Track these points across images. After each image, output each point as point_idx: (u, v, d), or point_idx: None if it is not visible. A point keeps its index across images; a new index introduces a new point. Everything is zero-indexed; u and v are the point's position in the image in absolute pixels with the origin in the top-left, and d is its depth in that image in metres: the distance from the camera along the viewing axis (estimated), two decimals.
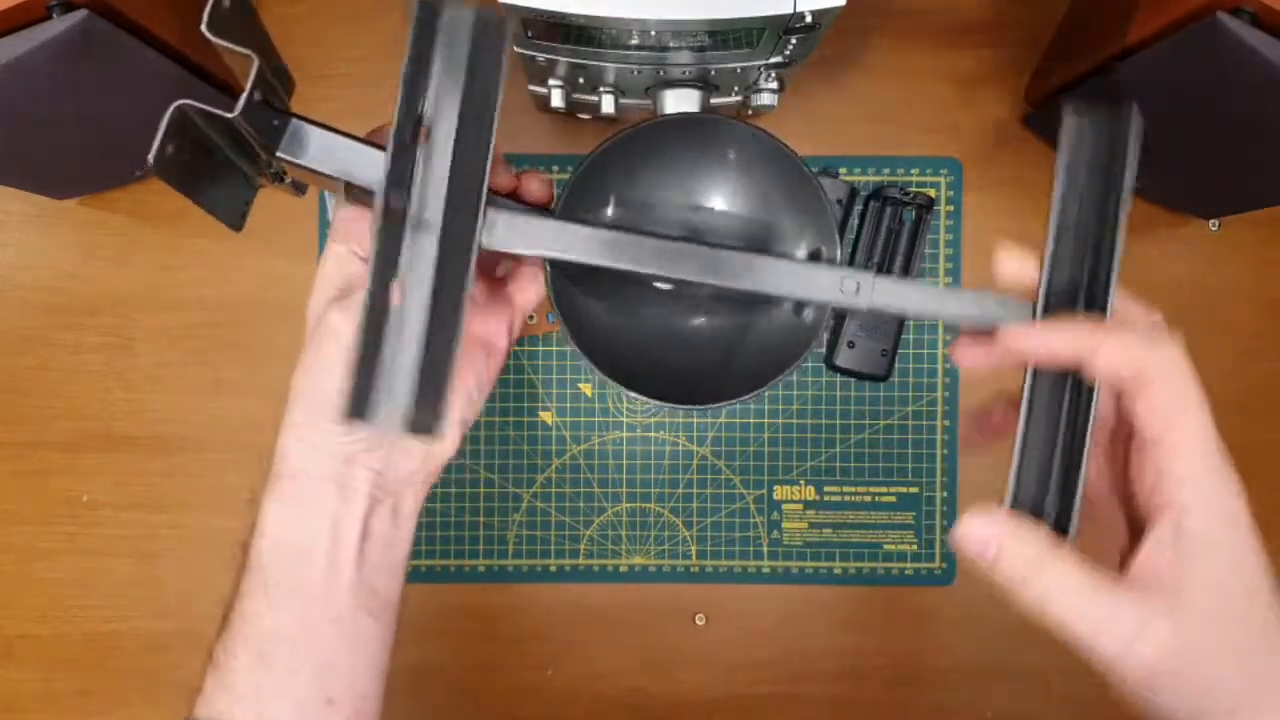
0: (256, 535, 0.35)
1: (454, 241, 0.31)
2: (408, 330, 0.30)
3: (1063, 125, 0.32)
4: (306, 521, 0.35)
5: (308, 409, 0.35)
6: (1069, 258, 0.32)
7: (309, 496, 0.35)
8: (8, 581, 0.63)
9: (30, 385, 0.63)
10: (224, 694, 0.34)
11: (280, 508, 0.35)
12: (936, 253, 0.64)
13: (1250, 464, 0.65)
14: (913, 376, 0.64)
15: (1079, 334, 0.30)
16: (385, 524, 0.36)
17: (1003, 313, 0.33)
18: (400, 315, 0.30)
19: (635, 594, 0.64)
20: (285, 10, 0.63)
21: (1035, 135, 0.64)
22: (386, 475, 0.36)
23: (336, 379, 0.31)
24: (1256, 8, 0.42)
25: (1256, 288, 0.64)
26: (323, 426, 0.34)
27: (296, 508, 0.35)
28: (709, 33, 0.44)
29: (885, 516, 0.65)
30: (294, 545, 0.35)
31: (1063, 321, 0.31)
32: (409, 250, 0.30)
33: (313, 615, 0.35)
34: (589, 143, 0.65)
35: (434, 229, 0.30)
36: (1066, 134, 0.32)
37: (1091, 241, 0.32)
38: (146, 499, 0.63)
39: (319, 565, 0.35)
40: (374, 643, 0.36)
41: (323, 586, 0.35)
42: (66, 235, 0.63)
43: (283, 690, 0.34)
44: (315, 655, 0.35)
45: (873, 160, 0.64)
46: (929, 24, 0.63)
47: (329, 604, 0.35)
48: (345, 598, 0.35)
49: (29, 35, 0.42)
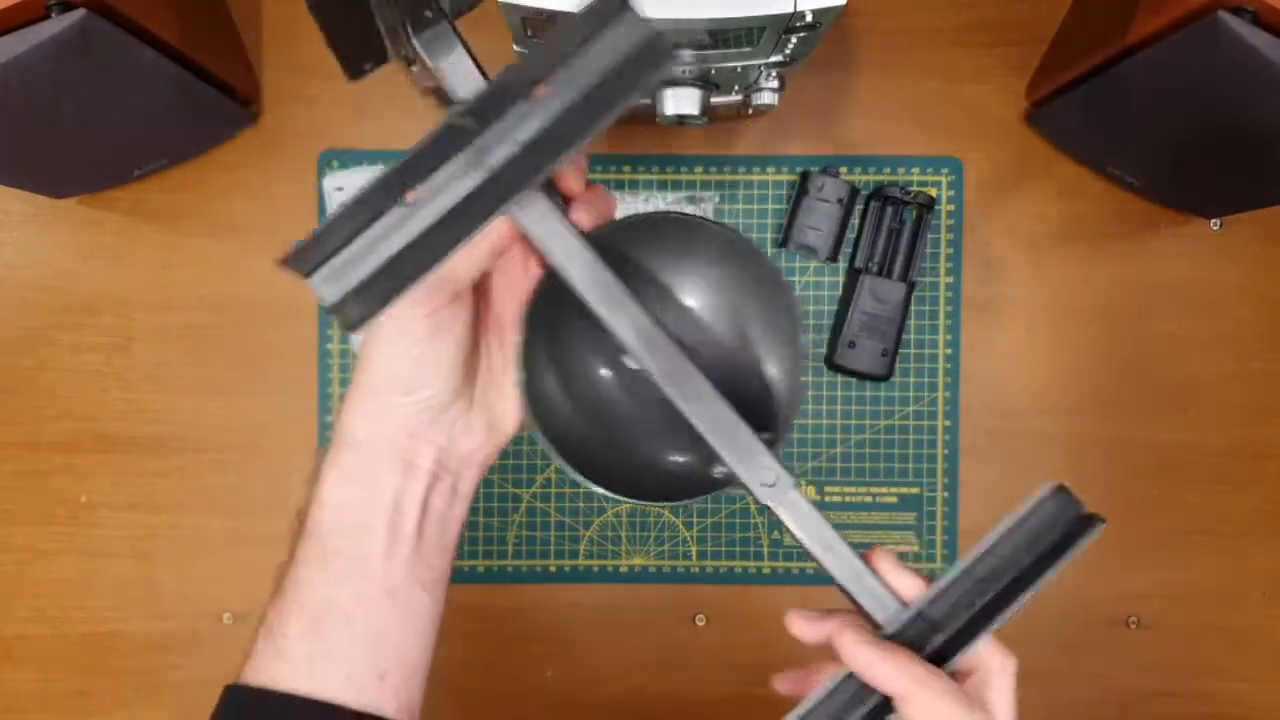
0: (315, 505, 0.35)
1: (495, 189, 0.30)
2: (400, 232, 0.29)
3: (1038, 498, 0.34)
4: (369, 493, 0.35)
5: (369, 382, 0.35)
6: (959, 597, 0.33)
7: (372, 469, 0.35)
8: (7, 581, 0.63)
9: (29, 385, 0.63)
10: (276, 660, 0.34)
11: (342, 478, 0.35)
12: (937, 252, 0.64)
13: (1250, 464, 0.65)
14: (913, 377, 0.64)
15: (903, 679, 0.31)
16: (444, 501, 0.36)
17: (867, 603, 0.33)
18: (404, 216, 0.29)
19: (635, 594, 0.64)
20: (286, 9, 0.63)
21: (1037, 134, 0.63)
22: (449, 452, 0.36)
23: (395, 361, 0.33)
24: (1257, 7, 0.41)
25: (1257, 288, 0.64)
26: (385, 398, 0.34)
27: (359, 479, 0.35)
28: (710, 32, 0.44)
29: (886, 517, 0.64)
30: (355, 516, 0.35)
31: (897, 656, 0.31)
32: (454, 170, 0.30)
33: (370, 587, 0.34)
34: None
35: (486, 169, 0.30)
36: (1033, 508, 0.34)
37: (989, 598, 0.32)
38: (145, 499, 0.63)
39: (379, 538, 0.34)
40: (425, 618, 0.36)
41: (381, 559, 0.34)
42: (65, 235, 0.63)
43: (336, 660, 0.34)
44: (370, 627, 0.34)
45: (873, 159, 0.64)
46: (929, 23, 0.63)
47: (386, 577, 0.35)
48: (402, 571, 0.35)
49: (28, 34, 0.42)
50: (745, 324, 0.36)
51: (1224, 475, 0.64)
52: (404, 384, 0.34)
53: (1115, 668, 0.65)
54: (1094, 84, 0.53)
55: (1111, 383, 0.64)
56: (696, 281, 0.36)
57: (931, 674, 0.31)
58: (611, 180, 0.64)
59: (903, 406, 0.64)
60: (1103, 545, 0.65)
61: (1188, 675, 0.65)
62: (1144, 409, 0.64)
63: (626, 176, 0.64)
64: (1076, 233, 0.64)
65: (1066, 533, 0.33)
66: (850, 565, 0.33)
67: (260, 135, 0.63)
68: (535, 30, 0.45)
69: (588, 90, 0.30)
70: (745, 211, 0.64)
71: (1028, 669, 0.64)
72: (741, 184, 0.64)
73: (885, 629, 0.33)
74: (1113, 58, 0.51)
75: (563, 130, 0.30)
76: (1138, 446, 0.65)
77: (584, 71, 0.30)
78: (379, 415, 0.34)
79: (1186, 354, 0.64)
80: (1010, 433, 0.64)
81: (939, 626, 0.32)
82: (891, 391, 0.64)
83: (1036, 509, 0.33)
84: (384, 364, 0.34)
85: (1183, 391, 0.65)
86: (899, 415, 0.64)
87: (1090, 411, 0.64)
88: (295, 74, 0.63)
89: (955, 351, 0.64)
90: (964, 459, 0.64)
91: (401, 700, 0.35)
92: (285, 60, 0.63)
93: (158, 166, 0.61)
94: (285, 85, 0.63)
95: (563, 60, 0.30)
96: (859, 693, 0.32)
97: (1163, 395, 0.64)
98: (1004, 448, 0.64)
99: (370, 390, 0.35)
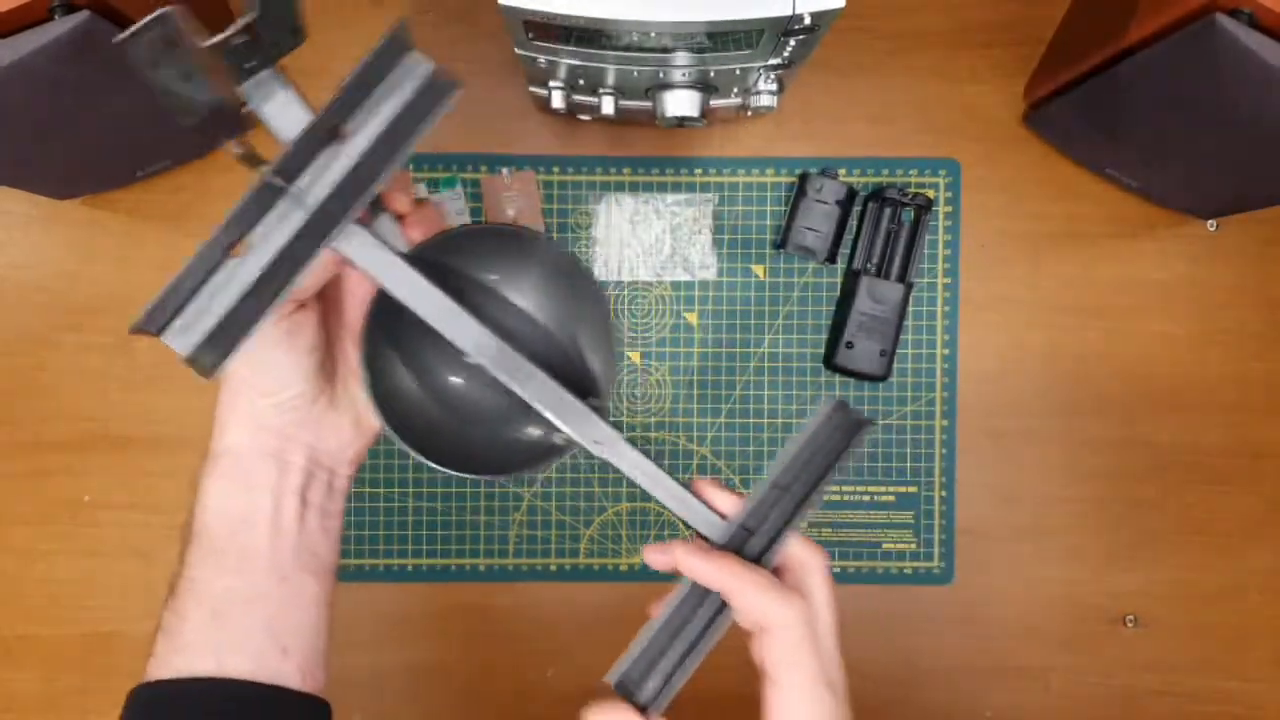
0: (200, 511, 0.38)
1: (316, 228, 0.33)
2: (235, 282, 0.32)
3: (821, 409, 0.39)
4: (248, 492, 0.38)
5: (233, 390, 0.38)
6: (769, 506, 0.37)
7: (248, 470, 0.38)
8: (8, 581, 0.63)
9: (31, 385, 0.63)
10: (180, 654, 0.37)
11: (222, 483, 0.38)
12: (935, 253, 0.64)
13: (1250, 464, 0.66)
14: (911, 377, 0.64)
15: (725, 575, 0.35)
16: (321, 495, 0.40)
17: (696, 520, 0.38)
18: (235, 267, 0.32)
19: (635, 593, 0.64)
20: None
21: (1035, 135, 0.64)
22: (319, 449, 0.39)
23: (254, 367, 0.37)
24: (1254, 9, 0.42)
25: (1256, 288, 0.65)
26: (249, 403, 0.38)
27: (237, 481, 0.38)
28: (709, 34, 0.44)
29: (884, 516, 0.65)
30: (239, 515, 0.38)
31: (720, 558, 0.36)
32: (276, 219, 0.33)
33: (260, 577, 0.38)
34: (590, 144, 0.65)
35: (306, 210, 0.33)
36: (821, 422, 0.38)
37: (792, 502, 0.37)
38: (146, 499, 0.63)
39: (263, 531, 0.38)
40: (317, 601, 0.39)
41: (268, 550, 0.38)
42: (68, 235, 0.63)
43: (240, 643, 0.37)
44: (266, 611, 0.38)
45: (872, 161, 0.64)
46: (927, 25, 0.64)
47: (275, 566, 0.38)
48: (289, 560, 0.38)
49: (31, 36, 0.42)
50: (567, 320, 0.41)
51: (1223, 475, 0.65)
52: (264, 388, 0.37)
53: (1114, 667, 0.65)
54: (1092, 85, 0.54)
55: (1109, 383, 0.65)
56: (524, 284, 0.40)
57: (748, 568, 0.35)
58: (612, 182, 0.64)
59: (901, 406, 0.64)
60: (1101, 545, 0.66)
61: (1186, 674, 0.65)
62: (1141, 409, 0.65)
63: (627, 179, 0.64)
64: (1074, 234, 0.64)
65: (848, 438, 0.38)
66: (678, 495, 0.38)
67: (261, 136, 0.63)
68: (537, 34, 0.46)
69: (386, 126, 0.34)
70: (744, 213, 0.64)
71: (1028, 669, 0.64)
72: (740, 185, 0.64)
73: (714, 541, 0.37)
74: (1110, 59, 0.51)
75: (368, 166, 0.33)
76: (1136, 446, 0.65)
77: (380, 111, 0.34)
78: (247, 420, 0.38)
79: (1184, 354, 0.65)
80: (1008, 432, 0.65)
81: (755, 532, 0.37)
82: (890, 391, 0.64)
83: (823, 423, 0.38)
84: (244, 371, 0.37)
85: (1181, 391, 0.65)
86: (897, 415, 0.65)
87: (1088, 411, 0.65)
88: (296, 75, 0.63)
89: (953, 352, 0.64)
90: (961, 458, 0.65)
91: (306, 674, 0.39)
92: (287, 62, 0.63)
93: (160, 168, 0.62)
94: None
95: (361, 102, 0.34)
96: (700, 596, 0.36)
97: (1161, 395, 0.65)
98: (1002, 447, 0.65)
99: (235, 397, 0.38)
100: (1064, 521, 0.65)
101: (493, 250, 0.40)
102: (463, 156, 0.63)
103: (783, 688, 0.35)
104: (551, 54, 0.49)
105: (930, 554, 0.65)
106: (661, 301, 0.64)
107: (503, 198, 0.63)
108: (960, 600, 0.65)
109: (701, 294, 0.64)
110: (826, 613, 0.37)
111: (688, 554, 0.36)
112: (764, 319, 0.64)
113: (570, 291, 0.40)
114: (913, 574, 0.65)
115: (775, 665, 0.35)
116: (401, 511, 0.64)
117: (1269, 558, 0.65)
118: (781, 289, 0.64)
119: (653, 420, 0.64)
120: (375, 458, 0.64)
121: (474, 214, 0.63)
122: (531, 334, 0.40)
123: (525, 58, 0.50)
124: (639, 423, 0.64)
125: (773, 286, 0.64)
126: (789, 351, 0.64)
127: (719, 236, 0.64)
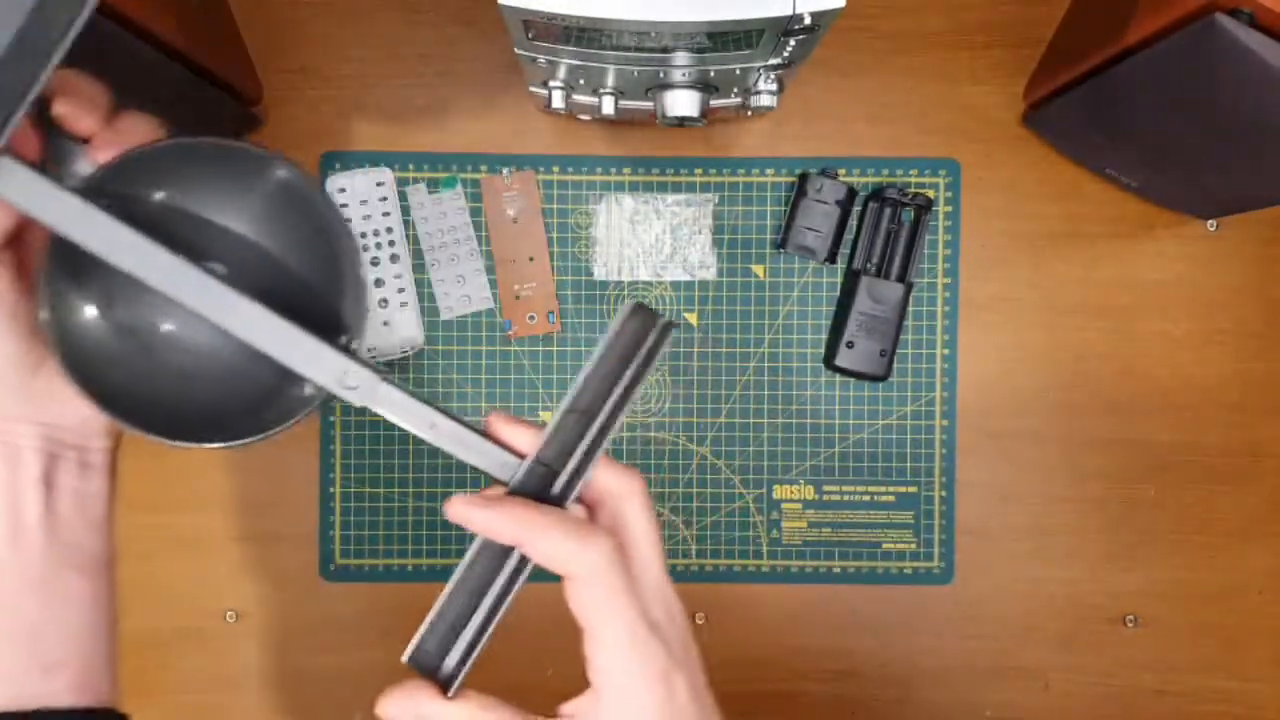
0: None
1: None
2: None
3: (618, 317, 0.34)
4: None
5: None
6: (568, 435, 0.33)
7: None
8: None
9: None
10: None
11: None
12: (935, 253, 0.64)
13: (1249, 464, 0.65)
14: (911, 376, 0.64)
15: (510, 523, 0.31)
16: (73, 477, 0.35)
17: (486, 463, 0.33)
18: None
19: None
20: (288, 11, 0.63)
21: (1035, 135, 0.64)
22: (56, 426, 0.34)
23: None
24: (1254, 8, 0.42)
25: (1256, 288, 0.65)
26: None
27: None
28: (709, 34, 0.44)
29: (884, 516, 0.65)
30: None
31: (501, 505, 0.31)
32: None
33: (6, 583, 0.33)
34: (590, 143, 0.65)
35: None
36: (617, 330, 0.33)
37: (597, 424, 0.33)
38: (145, 499, 0.63)
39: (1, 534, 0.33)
40: (88, 600, 0.35)
41: (9, 552, 0.33)
42: None
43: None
44: (19, 623, 0.33)
45: (872, 161, 0.64)
46: (927, 25, 0.63)
47: (23, 569, 0.33)
48: (39, 559, 0.33)
49: None
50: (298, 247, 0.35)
51: (1223, 475, 0.65)
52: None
53: (1114, 666, 0.65)
54: (1091, 85, 0.54)
55: (1109, 383, 0.65)
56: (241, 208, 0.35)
57: (536, 511, 0.31)
58: (612, 182, 0.64)
59: (901, 406, 0.64)
60: (1101, 544, 0.66)
61: (1186, 674, 0.65)
62: (1141, 409, 0.65)
63: (627, 179, 0.64)
64: (1074, 234, 0.64)
65: (651, 346, 0.33)
66: (459, 435, 0.32)
67: (262, 136, 0.63)
68: (537, 33, 0.46)
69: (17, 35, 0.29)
70: (744, 213, 0.64)
71: (1028, 669, 0.64)
72: (740, 185, 0.64)
73: (510, 485, 0.32)
74: (1110, 59, 0.51)
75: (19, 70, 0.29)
76: (1135, 446, 0.65)
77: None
78: None
79: (1184, 354, 0.65)
80: (1008, 432, 0.65)
81: (556, 467, 0.32)
82: (890, 391, 0.64)
83: (620, 331, 0.33)
84: None
85: (1180, 391, 0.65)
86: (897, 415, 0.65)
87: (1088, 411, 0.65)
88: (298, 75, 0.63)
89: (953, 352, 0.64)
90: (962, 458, 0.65)
91: (83, 687, 0.34)
92: (288, 61, 0.63)
93: None
94: (288, 87, 0.63)
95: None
96: (496, 549, 0.32)
97: (1160, 395, 0.65)
98: (1002, 447, 0.65)
99: None
100: (1064, 521, 0.65)
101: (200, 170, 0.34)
102: (463, 157, 0.63)
103: (598, 640, 0.32)
104: (551, 54, 0.49)
105: (930, 554, 0.65)
106: (661, 301, 0.64)
107: (503, 198, 0.63)
108: (960, 600, 0.65)
109: (701, 294, 0.64)
110: (646, 543, 0.32)
111: (465, 505, 0.31)
112: (764, 319, 0.64)
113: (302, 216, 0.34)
114: (913, 574, 0.65)
115: (586, 614, 0.32)
116: (401, 511, 0.64)
117: (1269, 558, 0.65)
118: (781, 289, 0.64)
119: (653, 420, 0.64)
120: (375, 457, 0.64)
121: (474, 214, 0.63)
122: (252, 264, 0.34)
123: (525, 58, 0.50)
124: (639, 422, 0.64)
125: (773, 286, 0.64)
126: (789, 351, 0.64)
127: (719, 236, 0.64)
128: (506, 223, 0.64)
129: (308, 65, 0.63)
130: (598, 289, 0.64)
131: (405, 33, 0.63)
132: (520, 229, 0.64)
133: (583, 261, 0.64)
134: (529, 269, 0.64)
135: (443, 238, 0.63)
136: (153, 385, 0.34)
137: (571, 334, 0.64)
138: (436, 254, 0.63)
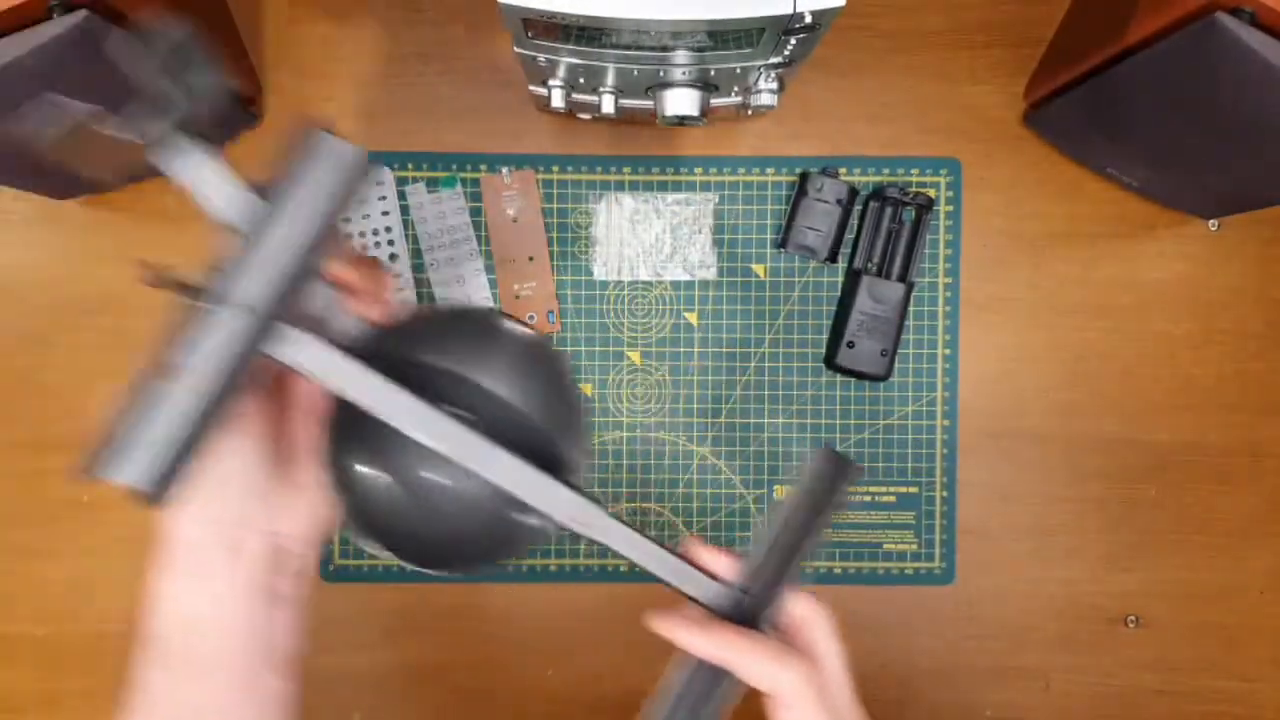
0: (150, 608, 0.35)
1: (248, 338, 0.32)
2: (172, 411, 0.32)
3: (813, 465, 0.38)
4: (201, 587, 0.35)
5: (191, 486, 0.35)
6: (765, 562, 0.37)
7: (201, 562, 0.35)
8: (8, 581, 0.63)
9: (31, 385, 0.63)
10: None
11: (172, 577, 0.35)
12: (936, 252, 0.64)
13: (1250, 464, 0.65)
14: (912, 377, 0.64)
15: (722, 648, 0.35)
16: (288, 584, 0.37)
17: (693, 589, 0.37)
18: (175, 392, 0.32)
19: (635, 594, 0.64)
20: (288, 11, 0.63)
21: (1035, 135, 0.64)
22: (279, 535, 0.36)
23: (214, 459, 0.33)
24: (1255, 7, 0.42)
25: (1256, 288, 0.65)
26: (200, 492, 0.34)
27: (190, 574, 0.35)
28: (709, 33, 0.44)
29: (885, 516, 0.65)
30: (190, 612, 0.35)
31: (715, 630, 0.35)
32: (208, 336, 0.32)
33: (214, 682, 0.35)
34: (590, 143, 0.65)
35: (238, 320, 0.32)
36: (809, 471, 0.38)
37: (788, 555, 0.37)
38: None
39: (219, 631, 0.35)
40: (278, 700, 0.36)
41: (223, 652, 0.35)
42: (67, 235, 0.63)
43: None
44: None
45: (873, 160, 0.64)
46: (928, 24, 0.63)
47: (230, 669, 0.35)
48: (243, 660, 0.35)
49: (30, 35, 0.42)
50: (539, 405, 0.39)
51: (1223, 475, 0.65)
52: (215, 474, 0.34)
53: (1114, 666, 0.65)
54: (1092, 85, 0.54)
55: (1109, 383, 0.65)
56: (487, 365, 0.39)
57: (745, 637, 0.35)
58: (612, 181, 0.64)
59: (901, 406, 0.64)
60: (1101, 544, 0.66)
61: (1186, 674, 0.65)
62: (1142, 409, 0.65)
63: (627, 178, 0.64)
64: (1075, 233, 0.64)
65: (835, 485, 0.38)
66: (672, 565, 0.36)
67: (262, 136, 0.63)
68: (537, 32, 0.46)
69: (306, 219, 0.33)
70: (744, 212, 0.64)
71: (1028, 669, 0.64)
72: (741, 185, 0.64)
73: (712, 607, 0.37)
74: (1111, 59, 0.51)
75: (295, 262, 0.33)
76: (1136, 446, 0.65)
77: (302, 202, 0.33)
78: (199, 509, 0.34)
79: (1184, 354, 0.65)
80: (1009, 432, 0.65)
81: (752, 593, 0.36)
82: (890, 391, 0.64)
83: (812, 475, 0.38)
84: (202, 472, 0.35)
85: (1181, 391, 0.65)
86: (898, 415, 0.64)
87: (1089, 411, 0.65)
88: (297, 75, 0.63)
89: (954, 351, 0.64)
90: (962, 458, 0.64)
91: None
92: (287, 62, 0.63)
93: None
94: (287, 87, 0.63)
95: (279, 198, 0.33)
96: (709, 672, 0.35)
97: (1161, 395, 0.65)
98: (1002, 447, 0.65)
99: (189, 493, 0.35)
100: (1064, 521, 0.65)
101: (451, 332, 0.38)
102: (463, 156, 0.63)
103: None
104: (551, 52, 0.49)
105: (931, 554, 0.65)
106: (661, 301, 0.64)
107: (503, 197, 0.63)
108: (960, 600, 0.65)
109: (701, 294, 0.64)
110: (835, 667, 0.37)
111: (684, 630, 0.35)
112: (764, 319, 0.64)
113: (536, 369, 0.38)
114: (913, 574, 0.65)
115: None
116: None
117: (1269, 558, 0.65)
118: (782, 288, 0.64)
119: (653, 420, 0.64)
120: None
121: (474, 213, 0.63)
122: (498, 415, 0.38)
123: (525, 56, 0.50)
124: (639, 422, 0.64)
125: (773, 286, 0.64)
126: (789, 351, 0.64)
127: (719, 236, 0.64)
128: (506, 222, 0.64)
129: (306, 64, 0.63)
130: (597, 288, 0.64)
131: (405, 32, 0.63)
132: (520, 228, 0.63)
133: (582, 261, 0.64)
134: (529, 269, 0.63)
135: (442, 237, 0.63)
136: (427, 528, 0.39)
137: (571, 334, 0.64)
138: (436, 254, 0.63)
